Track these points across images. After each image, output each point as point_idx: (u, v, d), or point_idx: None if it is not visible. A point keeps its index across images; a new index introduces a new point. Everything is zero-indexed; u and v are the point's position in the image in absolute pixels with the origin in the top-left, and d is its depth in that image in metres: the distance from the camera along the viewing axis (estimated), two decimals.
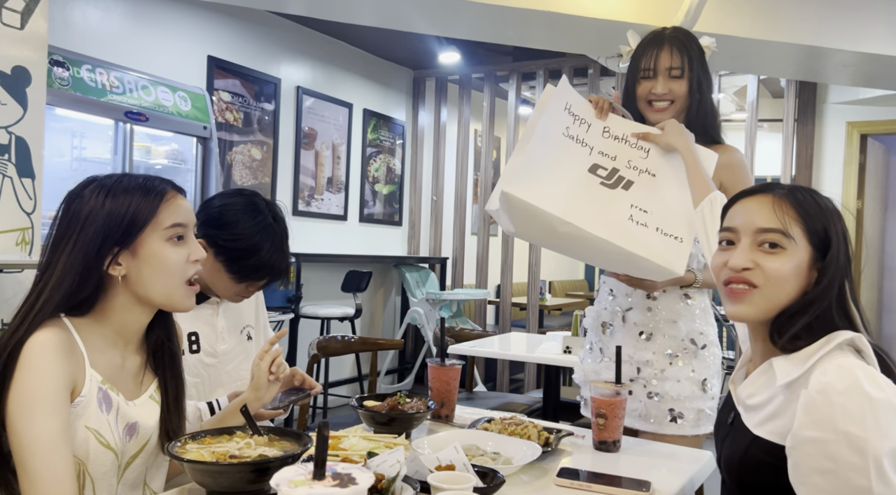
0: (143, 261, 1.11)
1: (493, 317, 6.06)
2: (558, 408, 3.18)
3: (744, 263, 1.06)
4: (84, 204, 1.11)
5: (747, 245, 1.07)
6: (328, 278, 4.67)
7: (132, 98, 2.99)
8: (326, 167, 4.89)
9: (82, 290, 1.09)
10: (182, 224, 1.15)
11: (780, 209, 1.06)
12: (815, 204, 1.07)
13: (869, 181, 5.52)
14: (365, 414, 1.48)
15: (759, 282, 1.05)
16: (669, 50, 1.68)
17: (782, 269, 1.04)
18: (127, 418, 1.14)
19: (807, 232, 1.05)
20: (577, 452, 1.47)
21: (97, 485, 1.10)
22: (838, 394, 0.92)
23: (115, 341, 1.15)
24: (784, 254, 1.05)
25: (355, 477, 0.68)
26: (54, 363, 1.03)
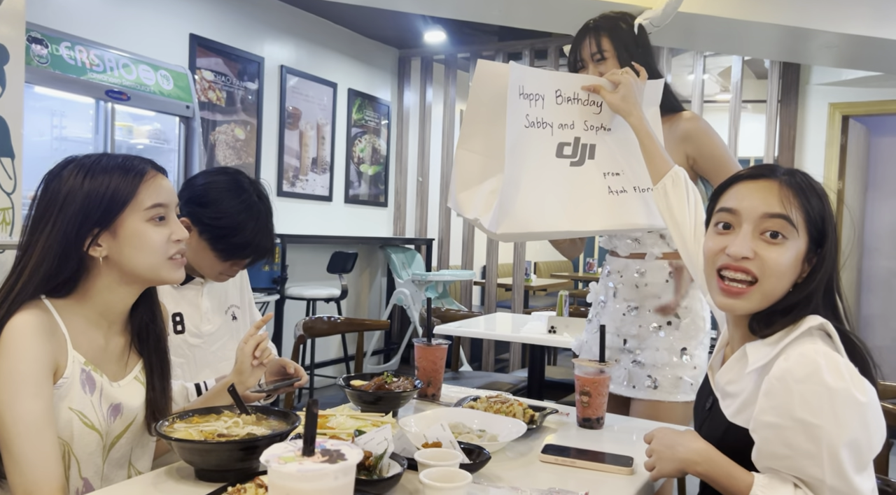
0: (123, 241, 1.10)
1: (478, 298, 6.09)
2: (543, 387, 3.21)
3: (745, 252, 1.01)
4: (63, 184, 1.09)
5: (749, 231, 1.02)
6: (313, 259, 4.66)
7: (113, 76, 2.94)
8: (311, 147, 4.86)
9: (62, 272, 1.09)
10: (163, 204, 1.14)
11: (786, 197, 1.02)
12: (814, 192, 1.04)
13: (850, 162, 5.58)
14: (352, 394, 1.49)
15: (757, 274, 1.01)
16: (589, 39, 1.75)
17: (782, 262, 1.01)
18: (111, 399, 1.14)
19: (807, 222, 1.02)
20: (562, 429, 1.50)
21: (82, 466, 1.11)
22: (797, 382, 0.92)
23: (97, 322, 1.14)
24: (785, 244, 1.01)
25: (344, 452, 0.69)
26: (35, 344, 1.02)
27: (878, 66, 4.43)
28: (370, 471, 1.06)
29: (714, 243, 1.06)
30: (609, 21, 1.78)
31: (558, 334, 2.82)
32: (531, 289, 5.87)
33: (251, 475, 0.98)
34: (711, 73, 5.73)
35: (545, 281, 6.57)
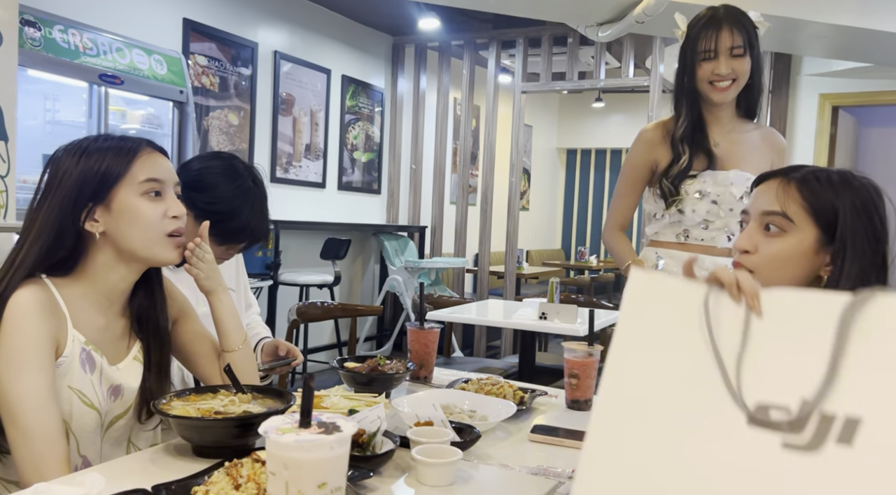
0: (118, 215, 1.11)
1: (471, 286, 6.13)
2: (534, 373, 3.26)
3: (743, 244, 1.08)
4: (61, 164, 1.12)
5: (753, 227, 1.09)
6: (307, 246, 4.67)
7: (106, 60, 2.94)
8: (304, 134, 4.86)
9: (60, 247, 1.10)
10: (157, 179, 1.14)
11: (783, 191, 1.06)
12: (826, 181, 1.05)
13: (839, 153, 5.62)
14: (346, 375, 1.52)
15: (753, 267, 1.06)
16: (729, 30, 1.71)
17: (779, 252, 1.05)
18: (111, 380, 1.16)
19: (811, 214, 1.04)
20: (551, 410, 1.53)
21: (81, 444, 1.13)
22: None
23: (98, 302, 1.15)
24: (784, 236, 1.05)
25: (340, 425, 0.71)
26: (37, 321, 1.04)
27: (867, 56, 4.46)
28: (363, 448, 1.09)
29: (736, 241, 1.13)
30: (743, 15, 1.74)
31: (549, 321, 2.86)
32: (523, 277, 5.91)
33: (247, 451, 1.01)
34: None
35: (537, 268, 6.61)
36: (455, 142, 6.05)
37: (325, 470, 0.68)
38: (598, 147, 8.11)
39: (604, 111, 7.81)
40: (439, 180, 5.55)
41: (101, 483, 0.88)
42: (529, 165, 7.67)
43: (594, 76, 5.03)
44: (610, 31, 3.73)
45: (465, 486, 1.03)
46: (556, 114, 8.28)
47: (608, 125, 7.95)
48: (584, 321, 2.72)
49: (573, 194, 8.33)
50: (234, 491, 0.91)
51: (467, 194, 5.51)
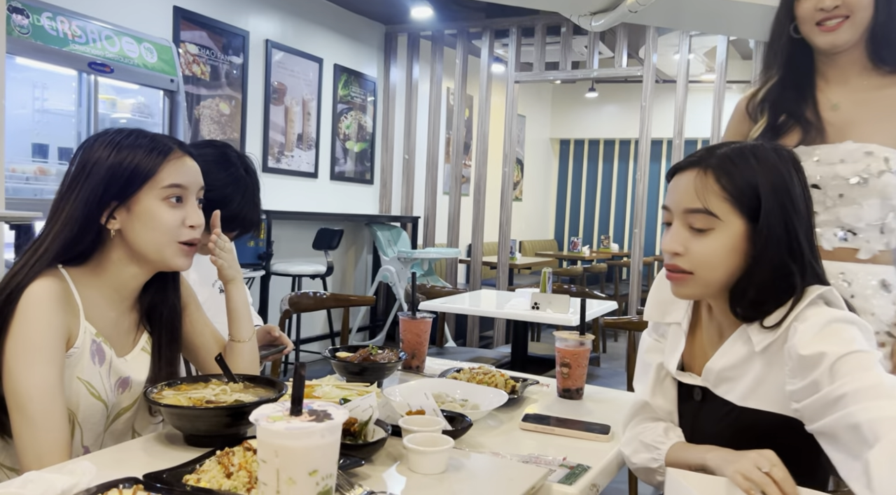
0: (136, 217, 1.12)
1: (463, 276, 6.14)
2: (526, 362, 3.27)
3: (673, 247, 1.02)
4: (91, 155, 1.12)
5: (678, 226, 1.03)
6: (299, 236, 4.66)
7: (96, 48, 2.91)
8: (296, 123, 4.83)
9: (82, 241, 1.11)
10: (181, 185, 1.15)
11: (702, 185, 0.99)
12: (747, 167, 0.99)
13: None
14: (338, 364, 1.52)
15: (689, 268, 1.02)
16: None
17: (711, 252, 1.00)
18: (119, 373, 1.17)
19: (735, 205, 0.99)
20: (542, 399, 1.54)
21: (85, 434, 1.14)
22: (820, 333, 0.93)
23: (110, 296, 1.17)
24: (712, 234, 1.00)
25: (331, 412, 0.71)
26: (51, 313, 1.05)
27: None
28: (355, 437, 1.09)
29: (663, 240, 1.07)
30: None
31: (541, 310, 2.87)
32: (516, 268, 5.92)
33: (239, 440, 1.01)
34: (697, 52, 5.75)
35: (530, 259, 6.62)
36: (448, 132, 6.04)
37: (316, 457, 0.68)
38: (592, 137, 8.11)
39: (597, 101, 7.81)
40: (432, 170, 5.54)
41: (91, 471, 0.88)
42: (522, 156, 7.66)
43: (587, 66, 5.02)
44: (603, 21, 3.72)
45: (457, 474, 1.04)
46: (550, 104, 8.27)
47: (601, 115, 7.95)
48: (576, 311, 2.73)
49: (566, 185, 8.34)
50: (225, 480, 0.91)
51: (460, 184, 5.50)
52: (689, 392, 1.13)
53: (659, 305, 1.18)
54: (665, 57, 5.89)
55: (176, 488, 0.88)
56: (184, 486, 0.89)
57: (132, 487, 0.82)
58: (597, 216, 8.13)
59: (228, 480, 0.91)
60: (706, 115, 5.00)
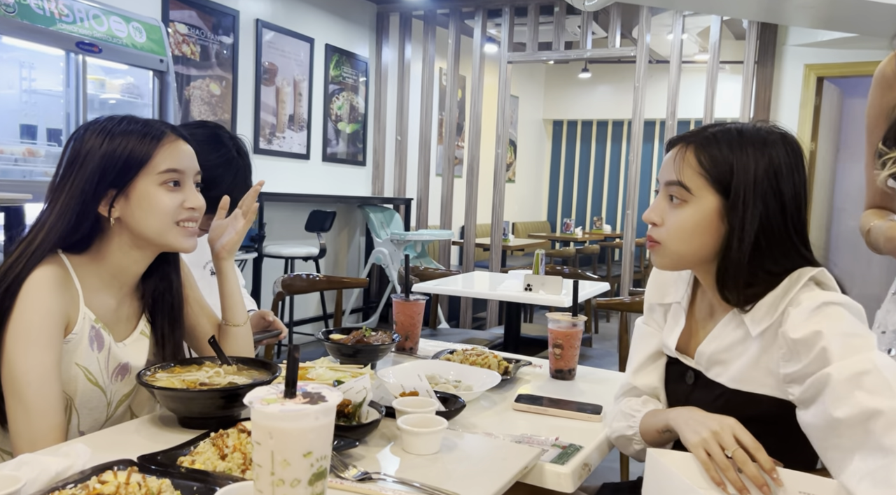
0: (135, 203, 1.12)
1: (456, 258, 6.14)
2: (519, 343, 3.29)
3: (651, 217, 1.07)
4: (83, 144, 1.12)
5: (660, 198, 1.07)
6: (291, 218, 4.64)
7: (83, 28, 2.87)
8: (288, 104, 4.79)
9: (79, 230, 1.11)
10: (178, 170, 1.15)
11: (681, 160, 1.03)
12: (727, 145, 1.00)
13: (823, 123, 5.65)
14: (331, 347, 1.53)
15: (658, 238, 1.06)
16: None
17: (681, 223, 1.03)
18: (118, 359, 1.17)
19: (710, 180, 1.01)
20: (535, 380, 1.55)
21: (82, 420, 1.15)
22: (814, 315, 0.94)
23: (110, 283, 1.17)
24: (685, 206, 1.02)
25: (325, 395, 0.72)
26: (51, 298, 1.06)
27: (852, 27, 4.46)
28: (349, 418, 1.10)
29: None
30: None
31: (534, 292, 2.87)
32: (509, 249, 5.92)
33: (233, 422, 1.01)
34: (690, 33, 5.72)
35: (523, 241, 6.62)
36: (441, 113, 6.00)
37: (311, 439, 0.69)
38: (585, 118, 8.08)
39: (590, 82, 7.77)
40: (425, 152, 5.52)
41: (86, 453, 0.88)
42: (515, 137, 7.63)
43: (581, 46, 4.99)
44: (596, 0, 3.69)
45: (450, 454, 1.04)
46: (543, 84, 8.23)
47: (594, 96, 7.92)
48: (568, 292, 2.74)
49: (559, 166, 8.32)
50: (220, 461, 0.91)
51: (453, 166, 5.48)
52: (682, 374, 1.14)
53: (659, 287, 1.20)
54: (658, 37, 5.86)
55: (171, 470, 0.89)
56: (178, 468, 0.90)
57: (127, 469, 0.83)
58: (589, 197, 8.14)
59: (223, 462, 0.91)
60: (699, 96, 4.99)
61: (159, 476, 0.84)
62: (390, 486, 0.91)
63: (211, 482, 0.84)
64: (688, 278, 1.16)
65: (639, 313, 1.39)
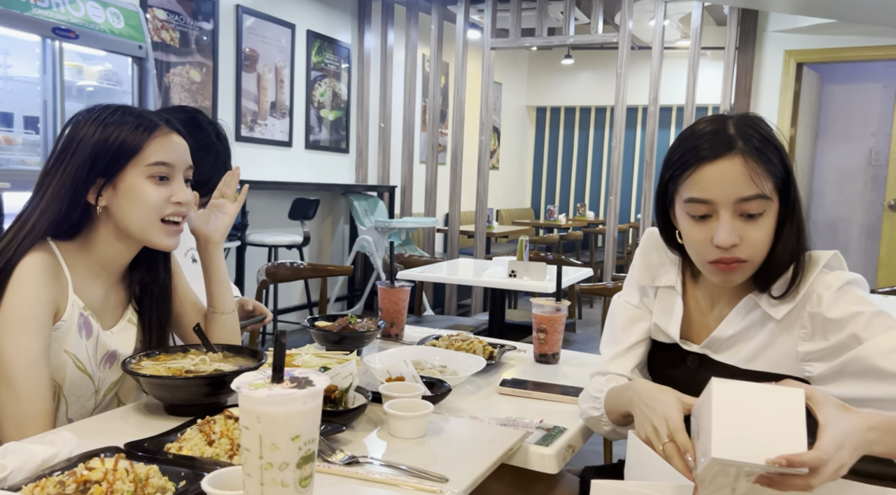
0: (122, 194, 1.12)
1: (441, 245, 6.15)
2: (504, 329, 3.31)
3: (733, 240, 0.99)
4: (78, 131, 1.12)
5: (729, 218, 0.99)
6: (274, 206, 4.62)
7: (59, 13, 2.82)
8: (269, 91, 4.75)
9: (68, 217, 1.12)
10: (167, 163, 1.15)
11: (753, 171, 0.98)
12: (771, 145, 1.01)
13: (803, 109, 5.71)
14: (317, 334, 1.53)
15: (746, 257, 1.01)
16: None
17: (765, 236, 1.01)
18: (106, 347, 1.18)
19: (776, 185, 1.01)
20: (520, 365, 1.57)
21: (70, 407, 1.15)
22: (837, 296, 1.00)
23: (98, 272, 1.17)
24: (763, 218, 1.00)
25: (312, 379, 0.72)
26: (40, 286, 1.06)
27: (831, 12, 4.50)
28: (336, 404, 1.10)
29: (699, 234, 1.03)
30: None
31: (518, 278, 2.89)
32: (493, 236, 5.94)
33: (219, 409, 1.01)
34: (672, 19, 5.74)
35: (507, 227, 6.64)
36: (424, 99, 5.98)
37: (298, 423, 0.69)
38: (568, 105, 8.09)
39: (573, 68, 7.77)
40: (409, 139, 5.50)
41: (72, 441, 0.88)
42: (499, 124, 7.63)
43: (563, 32, 4.99)
44: None
45: (436, 438, 1.06)
46: (526, 71, 8.22)
47: (577, 83, 7.93)
48: (552, 278, 2.76)
49: (543, 153, 8.34)
50: (207, 447, 0.92)
51: (437, 153, 5.48)
52: (681, 359, 1.15)
53: (648, 269, 1.19)
54: (640, 23, 5.87)
55: (158, 456, 0.89)
56: (166, 454, 0.90)
57: (114, 456, 0.83)
58: (573, 184, 8.17)
59: (210, 448, 0.92)
60: (681, 82, 5.02)
61: (147, 462, 0.84)
62: (377, 469, 0.92)
63: (199, 467, 0.85)
64: (678, 262, 1.17)
65: None
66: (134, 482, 0.78)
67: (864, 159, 6.54)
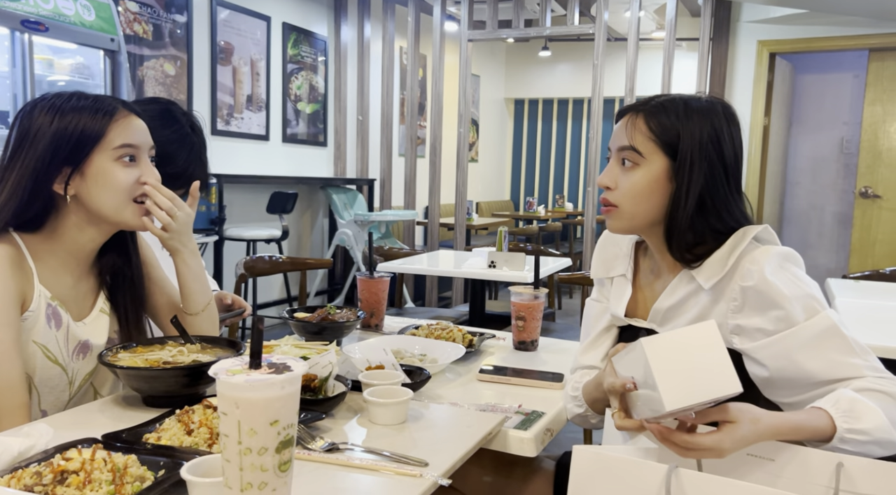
0: (90, 180, 1.11)
1: (421, 238, 6.14)
2: (484, 320, 3.32)
3: (605, 181, 1.12)
4: (33, 122, 1.10)
5: (612, 163, 1.13)
6: (252, 200, 4.58)
7: (28, 5, 2.77)
8: (245, 84, 4.71)
9: (31, 208, 1.10)
10: (133, 145, 1.14)
11: (632, 126, 1.09)
12: (674, 113, 1.08)
13: (776, 99, 5.79)
14: (296, 325, 1.53)
15: (615, 202, 1.11)
16: None
17: (634, 184, 1.09)
18: (77, 337, 1.16)
19: (659, 144, 1.08)
20: (499, 352, 1.58)
21: (43, 398, 1.14)
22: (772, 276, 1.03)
23: (66, 261, 1.16)
24: (637, 169, 1.09)
25: (290, 365, 0.72)
26: (5, 277, 1.04)
27: (803, 2, 4.56)
28: (316, 393, 1.11)
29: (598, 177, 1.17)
30: None
31: (498, 269, 2.91)
32: (473, 228, 5.95)
33: (198, 400, 1.01)
34: (647, 10, 5.77)
35: (487, 220, 6.66)
36: (402, 92, 5.96)
37: (277, 408, 0.69)
38: (546, 97, 8.12)
39: (550, 60, 7.80)
40: (387, 132, 5.49)
41: (48, 433, 0.87)
42: (478, 116, 7.63)
43: (540, 24, 5.00)
44: None
45: (416, 424, 1.06)
46: (504, 63, 8.23)
47: (555, 75, 7.95)
48: (531, 268, 2.77)
49: (521, 145, 8.36)
50: (186, 437, 0.92)
51: (416, 146, 5.47)
52: (636, 336, 1.17)
53: (604, 262, 1.27)
54: (616, 14, 5.90)
55: (136, 446, 0.89)
56: (144, 444, 0.90)
57: (91, 447, 0.83)
58: (552, 176, 8.20)
59: (189, 437, 0.91)
60: (657, 73, 5.06)
61: (125, 452, 0.84)
62: (358, 455, 0.93)
63: (178, 457, 0.85)
64: (629, 252, 1.24)
65: None
66: (112, 471, 0.78)
67: (836, 148, 6.64)
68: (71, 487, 0.76)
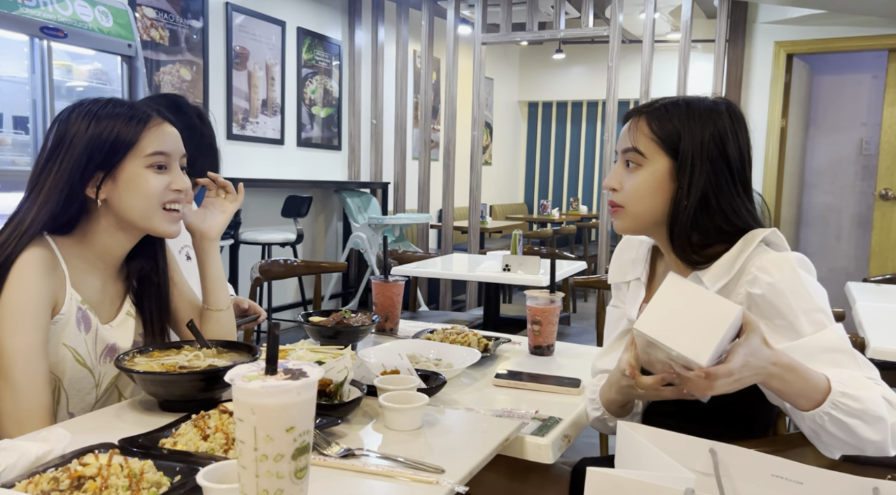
0: (122, 186, 1.13)
1: (435, 241, 6.14)
2: (499, 324, 3.31)
3: (610, 183, 1.15)
4: (69, 127, 1.13)
5: (617, 166, 1.15)
6: (267, 204, 4.60)
7: (47, 12, 2.80)
8: (260, 89, 4.73)
9: (66, 212, 1.13)
10: (165, 152, 1.16)
11: (635, 129, 1.12)
12: (676, 113, 1.09)
13: (793, 100, 5.73)
14: (311, 329, 1.53)
15: (620, 202, 1.13)
16: None
17: (637, 184, 1.11)
18: (105, 340, 1.18)
19: (661, 144, 1.09)
20: (515, 357, 1.57)
21: (71, 401, 1.15)
22: (782, 283, 1.02)
23: (95, 264, 1.18)
24: (640, 170, 1.11)
25: (306, 371, 0.72)
26: (38, 280, 1.07)
27: (820, 3, 4.51)
28: (331, 398, 1.10)
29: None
30: None
31: (512, 272, 2.89)
32: (487, 232, 5.94)
33: (214, 404, 1.01)
34: (662, 12, 5.74)
35: (501, 223, 6.64)
36: (416, 96, 5.97)
37: (293, 414, 0.69)
38: (560, 99, 8.09)
39: (564, 63, 7.77)
40: (401, 135, 5.49)
41: (66, 438, 0.88)
42: (491, 119, 7.63)
43: (554, 26, 4.99)
44: None
45: (432, 429, 1.06)
46: (517, 66, 8.22)
47: (569, 77, 7.93)
48: (546, 272, 2.76)
49: (535, 148, 8.34)
50: (202, 442, 0.91)
51: (429, 149, 5.47)
52: None
53: (620, 267, 1.28)
54: (631, 16, 5.87)
55: (152, 451, 0.89)
56: (160, 449, 0.90)
57: (108, 452, 0.83)
58: (566, 179, 8.17)
59: (205, 442, 0.91)
60: (672, 75, 5.02)
61: (141, 457, 0.84)
62: (374, 461, 0.92)
63: (193, 462, 0.85)
64: (645, 257, 1.24)
65: None
66: (129, 477, 0.78)
67: (854, 149, 6.56)
68: (88, 492, 0.76)
